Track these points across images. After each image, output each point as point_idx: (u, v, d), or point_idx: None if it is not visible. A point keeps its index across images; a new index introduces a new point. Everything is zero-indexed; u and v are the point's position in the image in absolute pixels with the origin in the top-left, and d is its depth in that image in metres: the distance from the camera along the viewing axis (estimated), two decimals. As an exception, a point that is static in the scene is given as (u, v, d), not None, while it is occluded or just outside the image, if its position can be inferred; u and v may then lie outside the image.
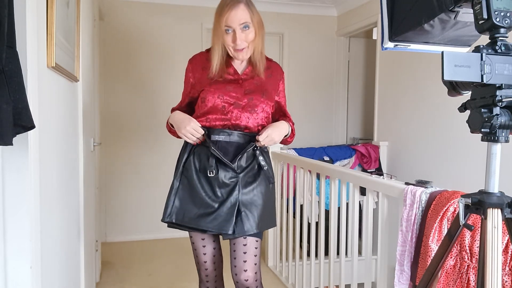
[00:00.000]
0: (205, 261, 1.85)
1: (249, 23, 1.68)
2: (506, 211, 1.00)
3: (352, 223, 2.48)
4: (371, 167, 3.77)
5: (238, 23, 1.66)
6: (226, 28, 1.68)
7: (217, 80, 1.77)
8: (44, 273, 1.38)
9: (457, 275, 1.42)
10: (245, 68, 1.82)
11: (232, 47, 1.71)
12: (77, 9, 2.00)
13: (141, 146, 4.29)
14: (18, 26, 1.06)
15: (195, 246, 1.86)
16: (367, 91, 4.86)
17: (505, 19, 0.92)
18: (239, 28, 1.67)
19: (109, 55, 4.13)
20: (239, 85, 1.78)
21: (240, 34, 1.67)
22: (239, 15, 1.65)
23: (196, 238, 1.84)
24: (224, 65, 1.78)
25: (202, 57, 1.86)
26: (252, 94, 1.77)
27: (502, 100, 0.94)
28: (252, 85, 1.79)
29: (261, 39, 1.76)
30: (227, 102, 1.74)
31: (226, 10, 1.65)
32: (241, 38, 1.68)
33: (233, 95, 1.75)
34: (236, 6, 1.65)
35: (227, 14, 1.65)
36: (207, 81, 1.78)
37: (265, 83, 1.82)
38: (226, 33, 1.69)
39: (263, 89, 1.80)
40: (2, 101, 0.93)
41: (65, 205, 1.81)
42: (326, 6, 4.61)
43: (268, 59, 1.87)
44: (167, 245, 4.15)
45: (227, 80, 1.78)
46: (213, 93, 1.74)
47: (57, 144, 1.64)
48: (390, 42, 1.19)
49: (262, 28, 1.76)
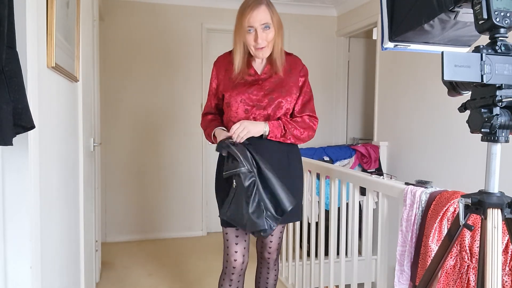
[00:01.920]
0: (236, 251, 1.92)
1: (269, 23, 1.80)
2: (506, 211, 1.00)
3: (352, 223, 2.48)
4: (371, 167, 3.77)
5: (259, 23, 1.77)
6: (248, 28, 1.79)
7: (239, 82, 1.87)
8: (44, 273, 1.38)
9: (457, 275, 1.42)
10: (264, 67, 1.92)
11: (254, 46, 1.82)
12: (77, 9, 2.00)
13: (141, 146, 4.29)
14: (18, 26, 1.06)
15: (228, 236, 1.93)
16: (367, 91, 4.86)
17: (505, 19, 0.92)
18: (260, 28, 1.78)
19: (109, 55, 4.13)
20: (260, 86, 1.88)
21: (261, 33, 1.79)
22: (260, 16, 1.77)
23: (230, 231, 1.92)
24: (245, 65, 1.89)
25: (225, 59, 1.96)
26: (272, 93, 1.87)
27: (502, 100, 0.94)
28: (272, 84, 1.89)
29: (281, 37, 1.87)
30: (249, 104, 1.85)
31: (248, 11, 1.77)
32: (262, 37, 1.79)
33: (254, 98, 1.86)
34: (257, 7, 1.77)
35: (249, 14, 1.76)
36: (230, 83, 1.89)
37: (284, 80, 1.91)
38: (248, 33, 1.80)
39: (282, 86, 1.89)
40: (2, 101, 0.93)
41: (65, 205, 1.81)
42: (326, 6, 4.61)
43: (287, 54, 1.96)
44: (167, 245, 4.15)
45: (248, 82, 1.88)
46: (236, 97, 1.86)
47: (57, 144, 1.64)
48: (390, 42, 1.20)
49: (281, 28, 1.87)
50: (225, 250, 1.95)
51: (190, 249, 4.05)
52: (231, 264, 1.93)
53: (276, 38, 1.84)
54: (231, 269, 1.93)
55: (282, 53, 1.90)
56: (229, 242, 1.92)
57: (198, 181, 4.46)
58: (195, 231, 4.47)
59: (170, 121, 4.34)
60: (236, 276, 1.95)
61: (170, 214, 4.41)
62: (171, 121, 4.34)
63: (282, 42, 1.89)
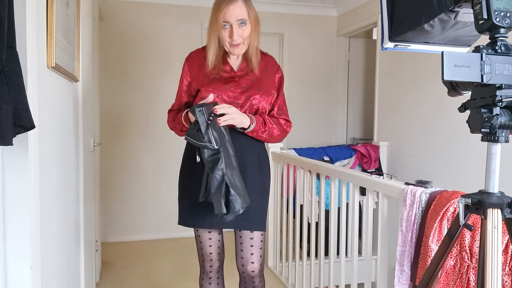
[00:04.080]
0: (211, 252, 1.88)
1: (246, 20, 1.71)
2: (506, 211, 1.00)
3: (352, 223, 2.48)
4: (371, 167, 3.77)
5: (235, 18, 1.68)
6: (223, 24, 1.70)
7: (214, 78, 1.79)
8: (44, 273, 1.38)
9: (457, 275, 1.42)
10: (240, 64, 1.84)
11: (229, 42, 1.73)
12: (77, 9, 2.00)
13: (141, 146, 4.29)
14: (18, 26, 1.06)
15: (201, 238, 1.89)
16: (367, 91, 4.86)
17: (505, 19, 0.92)
18: (236, 23, 1.69)
19: (109, 55, 4.13)
20: (236, 83, 1.79)
21: (237, 29, 1.70)
22: (236, 11, 1.68)
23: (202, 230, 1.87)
24: (220, 61, 1.80)
25: (198, 55, 1.87)
26: (249, 91, 1.79)
27: (502, 100, 0.94)
28: (248, 82, 1.81)
29: (257, 35, 1.79)
30: (225, 101, 1.76)
31: (224, 5, 1.67)
32: (237, 34, 1.70)
33: (231, 94, 1.77)
34: (234, 2, 1.67)
35: (225, 9, 1.67)
36: (204, 79, 1.80)
37: (261, 78, 1.83)
38: (223, 28, 1.71)
39: (259, 84, 1.81)
40: (2, 101, 0.93)
41: (65, 205, 1.81)
42: (326, 6, 4.61)
43: (262, 53, 1.88)
44: (167, 245, 4.15)
45: (223, 78, 1.79)
46: (212, 92, 1.74)
47: (57, 144, 1.64)
48: (390, 42, 1.19)
49: (258, 24, 1.79)
50: (199, 251, 1.91)
51: (190, 249, 4.04)
52: (208, 263, 1.90)
53: (252, 35, 1.75)
54: (209, 268, 1.91)
55: (258, 51, 1.81)
56: (202, 244, 1.88)
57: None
58: (195, 231, 4.47)
59: (170, 121, 4.33)
60: (214, 273, 1.93)
61: (170, 214, 4.40)
62: (171, 121, 4.34)
63: (258, 39, 1.80)
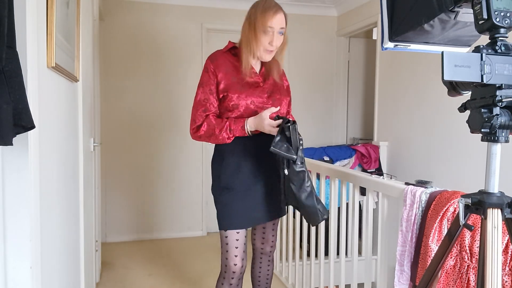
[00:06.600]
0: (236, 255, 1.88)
1: (284, 30, 1.85)
2: (506, 211, 1.00)
3: (352, 223, 2.48)
4: (371, 167, 3.77)
5: (279, 26, 1.81)
6: (268, 29, 1.79)
7: (246, 83, 1.87)
8: (44, 273, 1.38)
9: (457, 275, 1.42)
10: (260, 69, 1.96)
11: (265, 48, 1.84)
12: (77, 9, 2.00)
13: (141, 146, 4.29)
14: (18, 26, 1.06)
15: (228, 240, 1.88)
16: (367, 91, 4.86)
17: (505, 19, 0.92)
18: (277, 31, 1.82)
19: (109, 55, 4.13)
20: (262, 88, 1.91)
21: (277, 37, 1.83)
22: (281, 20, 1.82)
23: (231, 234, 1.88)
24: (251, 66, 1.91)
25: (223, 57, 1.90)
26: (274, 95, 1.92)
27: (502, 100, 0.94)
28: (270, 86, 1.94)
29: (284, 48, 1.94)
30: (258, 107, 1.86)
31: (271, 12, 1.79)
32: (276, 41, 1.83)
33: (260, 100, 1.88)
34: (280, 12, 1.82)
35: (273, 16, 1.79)
36: (237, 84, 1.85)
37: (277, 83, 1.97)
38: (265, 33, 1.81)
39: (278, 87, 1.96)
40: (2, 101, 0.93)
41: (65, 205, 1.81)
42: (326, 6, 4.61)
43: None
44: (167, 245, 4.15)
45: (249, 83, 1.88)
46: (246, 99, 1.84)
47: (57, 144, 1.64)
48: (390, 42, 1.20)
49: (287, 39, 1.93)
50: (224, 253, 1.89)
51: (190, 249, 4.05)
52: (231, 269, 1.88)
53: (284, 46, 1.90)
54: (231, 274, 1.89)
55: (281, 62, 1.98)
56: (229, 246, 1.87)
57: (198, 181, 4.46)
58: (195, 231, 4.48)
59: (170, 121, 4.34)
60: (236, 280, 1.92)
61: (170, 214, 4.41)
62: (171, 121, 4.34)
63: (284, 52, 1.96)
